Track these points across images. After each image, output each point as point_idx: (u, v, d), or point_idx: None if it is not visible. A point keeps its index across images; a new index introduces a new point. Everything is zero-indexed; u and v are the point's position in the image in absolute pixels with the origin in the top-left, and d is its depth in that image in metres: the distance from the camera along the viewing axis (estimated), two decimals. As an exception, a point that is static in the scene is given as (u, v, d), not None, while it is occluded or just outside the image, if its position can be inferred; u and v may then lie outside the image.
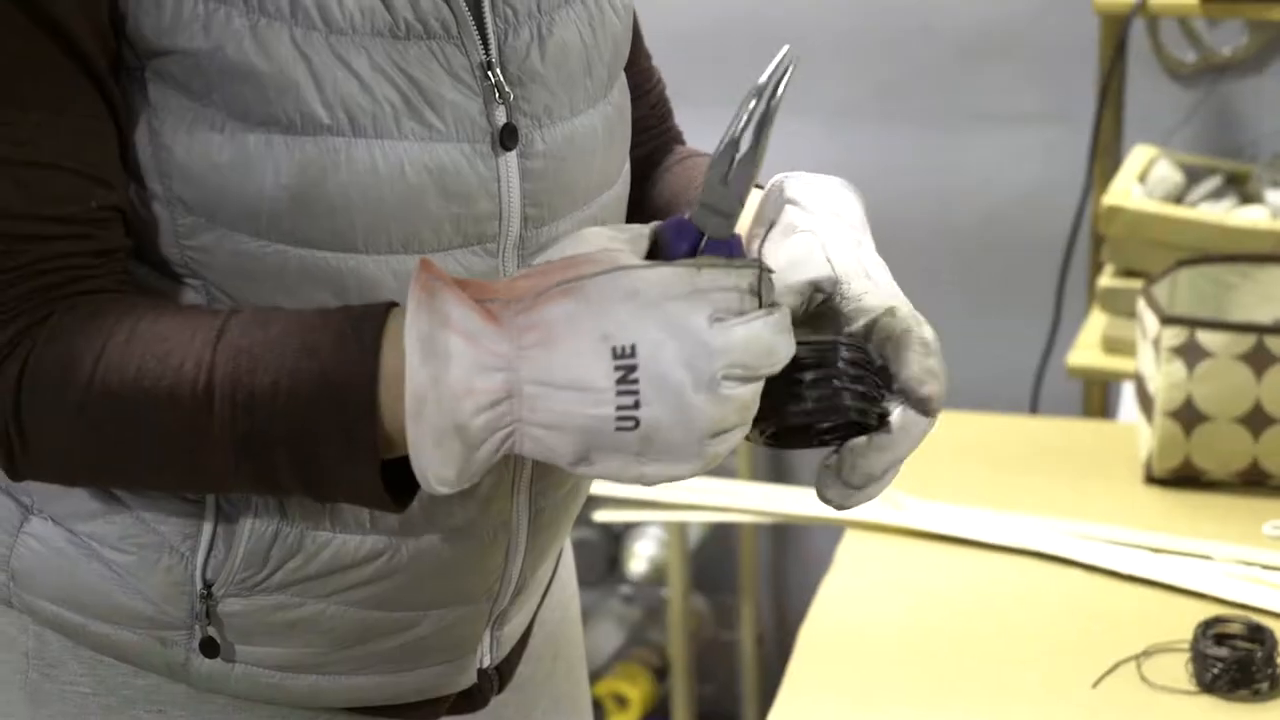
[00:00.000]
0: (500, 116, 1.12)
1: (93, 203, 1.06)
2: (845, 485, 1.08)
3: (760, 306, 0.98)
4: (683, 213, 1.02)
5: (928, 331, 1.08)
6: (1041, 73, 3.02)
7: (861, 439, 1.07)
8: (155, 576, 1.17)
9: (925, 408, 1.07)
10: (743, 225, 1.12)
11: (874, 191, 1.15)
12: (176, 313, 1.06)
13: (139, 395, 1.03)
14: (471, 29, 1.11)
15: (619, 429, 0.95)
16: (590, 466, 0.98)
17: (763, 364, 0.97)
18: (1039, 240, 2.94)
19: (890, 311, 1.08)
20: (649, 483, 0.98)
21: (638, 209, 1.31)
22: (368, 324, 1.01)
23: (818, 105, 3.11)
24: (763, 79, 1.02)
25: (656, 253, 1.03)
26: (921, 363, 1.07)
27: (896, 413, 1.07)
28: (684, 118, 1.44)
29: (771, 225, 1.13)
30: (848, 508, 1.09)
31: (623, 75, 1.25)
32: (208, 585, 1.17)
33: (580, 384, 0.95)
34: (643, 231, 1.04)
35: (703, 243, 1.01)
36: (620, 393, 0.94)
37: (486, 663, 1.29)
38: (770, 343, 0.97)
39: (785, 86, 1.01)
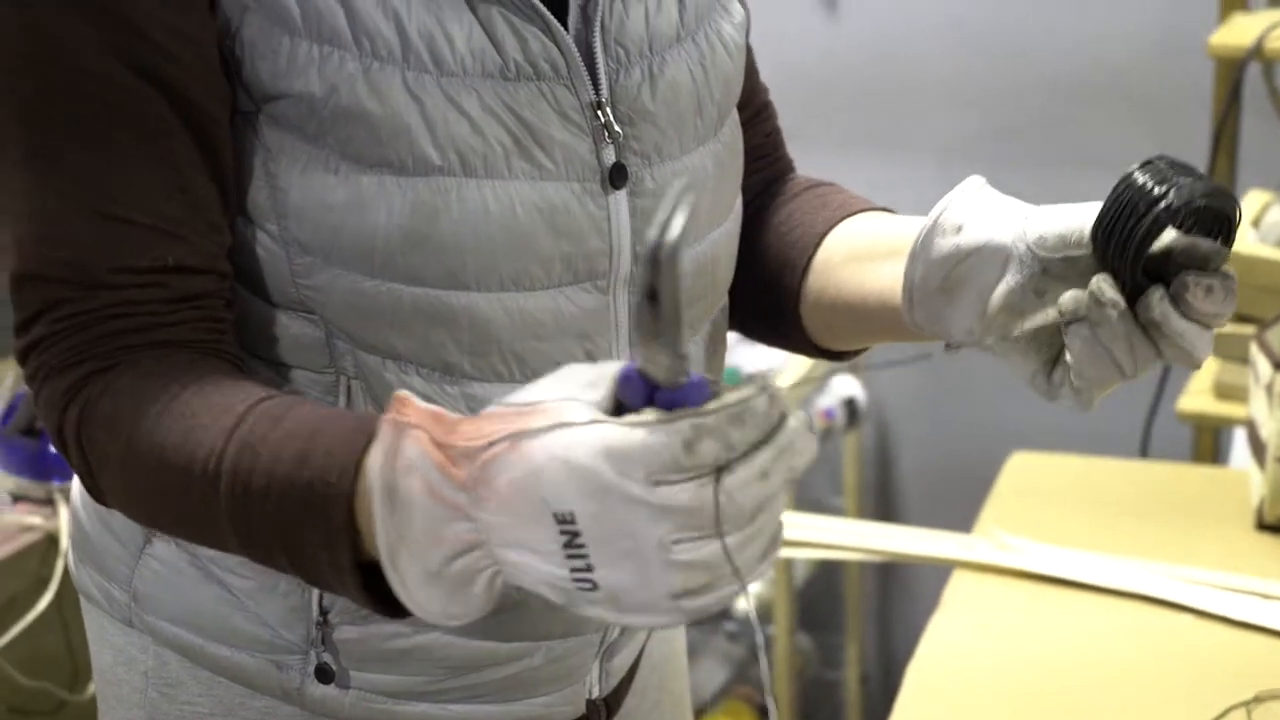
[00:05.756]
0: (610, 155, 1.14)
1: (169, 259, 1.08)
2: (1200, 322, 1.08)
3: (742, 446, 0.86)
4: (630, 361, 0.89)
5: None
6: (1155, 117, 3.01)
7: (1214, 279, 1.07)
8: (273, 602, 1.20)
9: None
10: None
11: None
12: (217, 388, 1.05)
13: (162, 467, 1.04)
14: (581, 69, 1.12)
15: (579, 589, 0.88)
16: (580, 611, 0.91)
17: (708, 526, 0.86)
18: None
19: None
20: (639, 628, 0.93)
21: (758, 238, 1.31)
22: (356, 439, 0.97)
23: (929, 146, 3.11)
24: (652, 230, 0.86)
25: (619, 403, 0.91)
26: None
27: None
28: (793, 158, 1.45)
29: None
30: (1198, 359, 1.10)
31: (734, 113, 1.26)
32: (324, 612, 1.19)
33: (531, 547, 0.89)
34: (606, 375, 0.91)
35: (655, 396, 0.88)
36: (569, 556, 0.88)
37: (595, 694, 1.30)
38: (718, 504, 0.86)
39: (677, 226, 0.86)
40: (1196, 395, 2.59)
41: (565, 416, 0.87)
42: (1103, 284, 1.08)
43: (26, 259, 1.08)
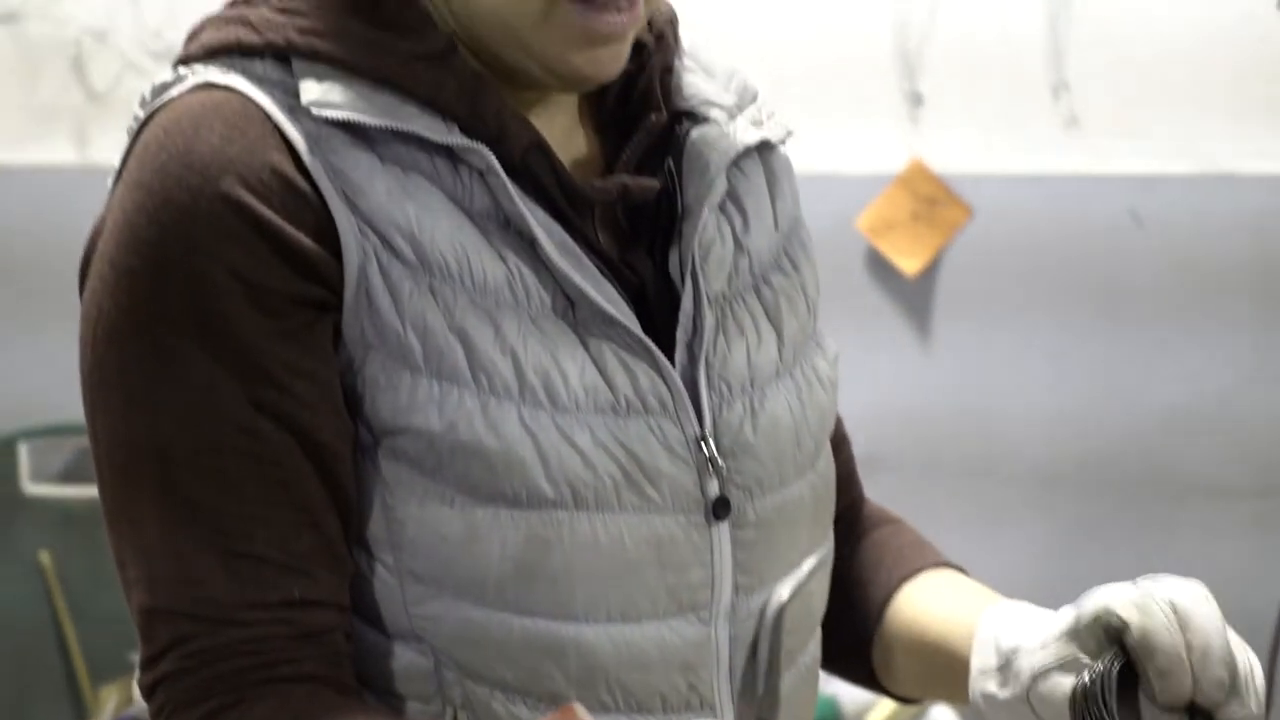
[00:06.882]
0: (714, 488, 1.16)
1: (295, 592, 1.10)
2: None
3: None
4: None
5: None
6: (1252, 452, 3.00)
7: None
8: None
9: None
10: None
11: (1076, 568, 1.17)
12: None
13: None
14: (687, 404, 1.15)
15: None
16: None
17: None
18: (1249, 619, 2.87)
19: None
20: None
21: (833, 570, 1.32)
22: None
23: (1022, 482, 3.12)
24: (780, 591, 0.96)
25: None
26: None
27: None
28: (881, 484, 1.47)
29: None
30: None
31: (828, 444, 1.28)
32: None
33: None
34: None
35: None
36: None
37: None
38: None
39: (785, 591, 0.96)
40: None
41: None
42: None
43: (157, 595, 1.10)
